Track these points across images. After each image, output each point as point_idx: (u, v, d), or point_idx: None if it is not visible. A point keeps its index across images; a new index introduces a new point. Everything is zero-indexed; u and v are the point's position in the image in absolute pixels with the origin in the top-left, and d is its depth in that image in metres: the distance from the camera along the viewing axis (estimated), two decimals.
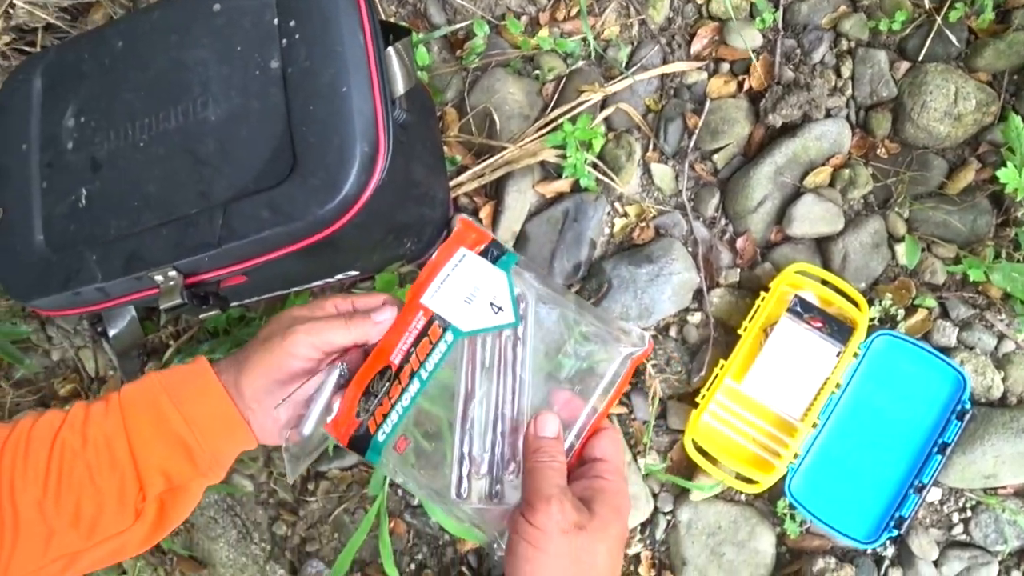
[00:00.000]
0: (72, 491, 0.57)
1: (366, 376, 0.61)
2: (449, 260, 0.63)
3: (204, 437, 0.59)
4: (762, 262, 1.05)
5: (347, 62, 0.83)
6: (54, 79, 0.94)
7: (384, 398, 0.59)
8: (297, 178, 0.81)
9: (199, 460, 0.59)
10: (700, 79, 1.10)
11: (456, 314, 0.60)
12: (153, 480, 0.58)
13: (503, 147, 1.07)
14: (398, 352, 0.60)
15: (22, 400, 1.31)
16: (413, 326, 0.61)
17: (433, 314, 0.60)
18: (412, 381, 0.58)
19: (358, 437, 0.58)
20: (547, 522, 0.52)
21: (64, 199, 0.91)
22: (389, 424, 0.58)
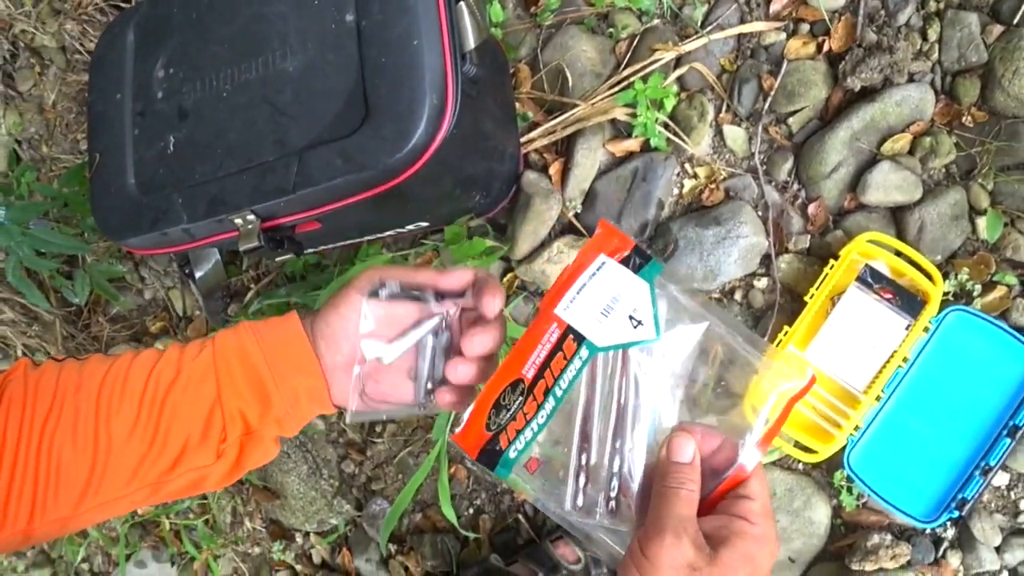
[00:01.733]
0: (162, 423, 0.57)
1: (496, 387, 0.56)
2: (588, 267, 0.56)
3: (282, 382, 0.59)
4: (834, 229, 1.01)
5: (418, 16, 0.83)
6: (146, 32, 0.98)
7: (518, 413, 0.55)
8: (368, 128, 0.82)
9: (276, 407, 0.59)
10: (778, 40, 1.06)
11: (592, 327, 0.55)
12: (234, 421, 0.58)
13: (574, 104, 1.06)
14: (531, 366, 0.55)
15: (117, 334, 1.38)
16: (547, 339, 0.55)
17: (568, 326, 0.55)
18: (547, 399, 0.54)
19: (490, 451, 0.54)
20: (659, 555, 0.47)
21: (154, 145, 0.94)
22: (522, 441, 0.54)
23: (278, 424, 0.60)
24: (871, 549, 0.95)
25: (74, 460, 0.56)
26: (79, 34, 1.20)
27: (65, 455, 0.56)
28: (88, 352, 1.39)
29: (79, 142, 1.36)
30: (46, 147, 1.40)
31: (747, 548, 0.48)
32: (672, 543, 0.47)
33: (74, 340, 1.39)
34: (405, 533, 1.18)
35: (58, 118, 1.34)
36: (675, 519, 0.48)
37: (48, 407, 0.57)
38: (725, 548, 0.47)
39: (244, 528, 1.29)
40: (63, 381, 0.58)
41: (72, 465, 0.56)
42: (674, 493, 0.49)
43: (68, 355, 1.39)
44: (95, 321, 1.39)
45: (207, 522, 1.30)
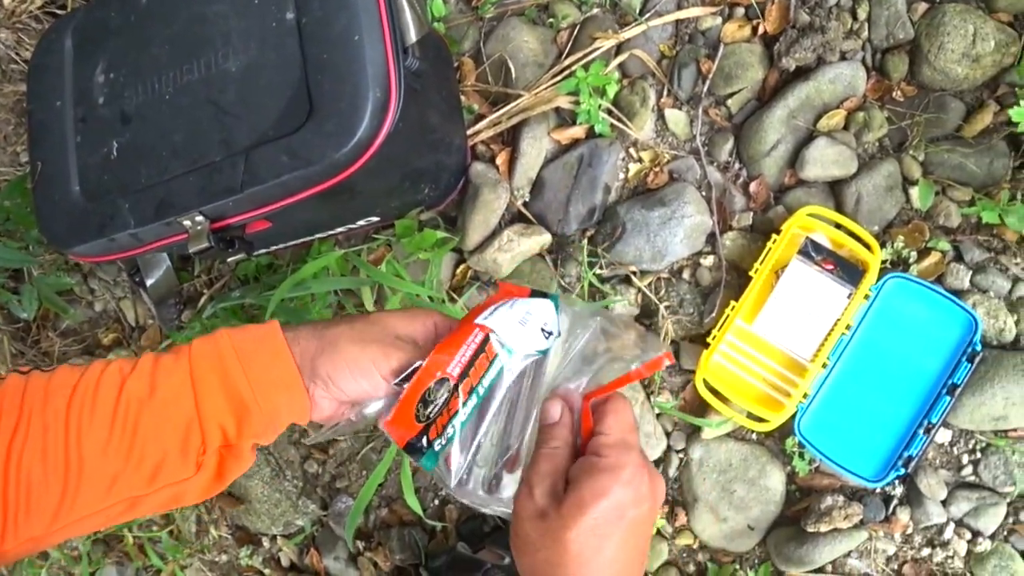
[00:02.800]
0: (138, 438, 0.56)
1: (423, 383, 0.59)
2: (500, 300, 0.63)
3: (264, 399, 0.57)
4: (775, 205, 1.04)
5: (358, 12, 0.84)
6: (83, 38, 0.97)
7: (444, 410, 0.58)
8: (313, 124, 0.84)
9: (255, 420, 0.57)
10: (714, 24, 1.09)
11: (511, 334, 0.60)
12: (213, 433, 0.57)
13: (519, 95, 1.08)
14: (456, 364, 0.59)
15: (68, 348, 1.37)
16: (471, 341, 0.60)
17: (490, 331, 0.60)
18: (471, 397, 0.58)
19: (416, 444, 0.58)
20: (518, 509, 0.51)
21: (97, 151, 0.94)
22: (446, 437, 0.57)
23: (256, 436, 0.59)
24: (825, 511, 0.98)
25: (44, 479, 0.54)
26: (14, 43, 1.18)
27: (35, 474, 0.54)
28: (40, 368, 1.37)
29: (19, 154, 1.34)
30: None
31: (596, 483, 0.49)
32: (526, 495, 0.50)
33: (24, 357, 1.37)
34: (372, 529, 1.19)
35: None
36: (537, 475, 0.51)
37: (14, 424, 0.55)
38: (572, 488, 0.49)
39: (210, 536, 1.29)
40: (29, 396, 0.56)
41: (43, 484, 0.54)
42: (540, 453, 0.52)
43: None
44: (45, 336, 1.38)
45: (172, 533, 1.30)
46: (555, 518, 0.49)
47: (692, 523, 1.05)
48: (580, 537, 0.48)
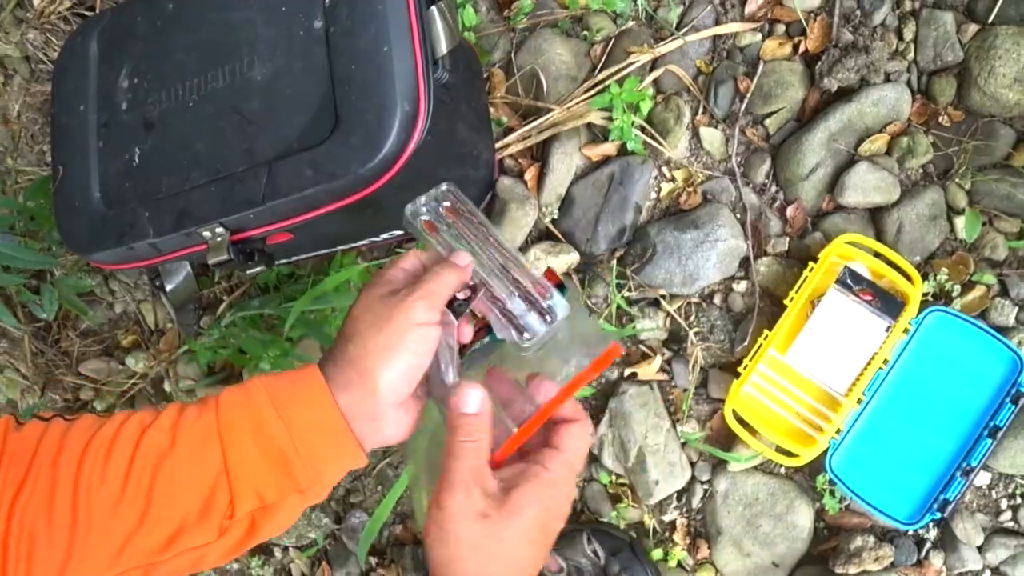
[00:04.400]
0: (154, 498, 0.51)
1: None
2: None
3: (307, 450, 0.52)
4: (812, 231, 1.00)
5: (388, 22, 0.81)
6: (109, 42, 0.95)
7: None
8: (339, 137, 0.81)
9: (298, 475, 0.52)
10: (754, 41, 1.05)
11: None
12: (245, 496, 0.51)
13: (549, 109, 1.04)
14: None
15: (88, 349, 1.35)
16: None
17: None
18: None
19: None
20: (452, 506, 0.48)
21: (119, 158, 0.92)
22: None
23: (300, 494, 0.53)
24: (854, 552, 0.94)
25: (49, 537, 0.50)
26: (42, 43, 1.17)
27: (39, 530, 0.50)
28: (60, 368, 1.36)
29: (45, 153, 1.33)
30: (11, 159, 1.36)
31: (538, 490, 0.50)
32: (463, 495, 0.49)
33: (44, 356, 1.36)
34: (385, 545, 1.17)
35: (23, 129, 1.31)
36: (465, 471, 0.50)
37: (22, 477, 0.50)
38: (515, 490, 0.50)
39: None
40: (43, 446, 0.52)
41: (47, 542, 0.50)
42: (462, 447, 0.50)
43: (38, 372, 1.36)
44: (65, 336, 1.36)
45: None
46: (496, 520, 0.49)
47: (714, 556, 1.02)
48: (515, 539, 0.50)
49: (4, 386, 1.45)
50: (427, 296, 0.54)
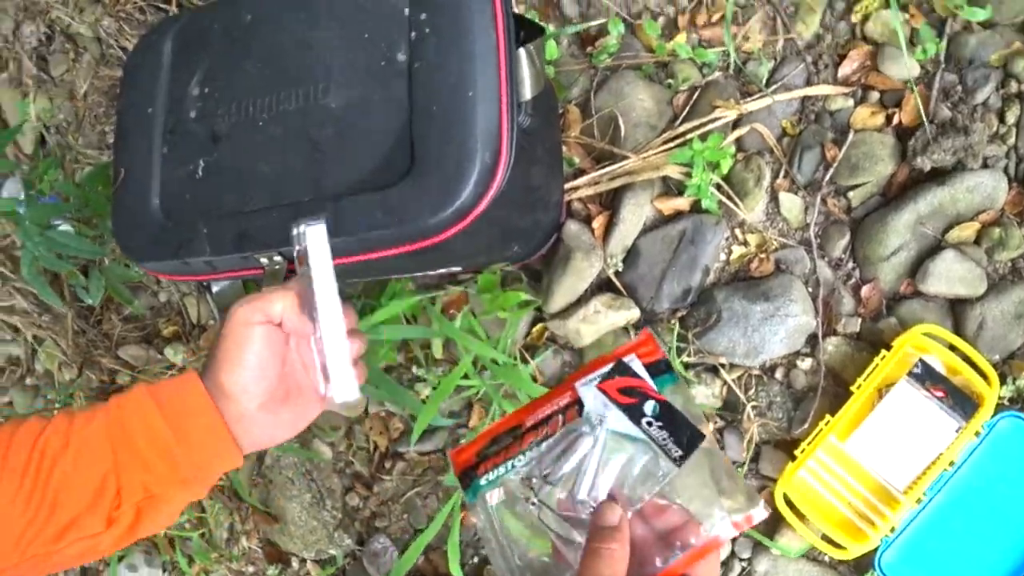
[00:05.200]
0: (48, 493, 0.54)
1: (500, 427, 0.59)
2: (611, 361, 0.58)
3: (188, 445, 0.56)
4: (887, 315, 0.92)
5: (475, 63, 0.74)
6: (184, 45, 0.89)
7: (502, 450, 0.57)
8: (412, 181, 0.74)
9: (182, 468, 0.56)
10: (845, 106, 0.97)
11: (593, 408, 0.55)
12: (131, 487, 0.55)
13: (625, 156, 0.97)
14: (533, 418, 0.58)
15: (128, 334, 1.31)
16: (558, 402, 0.58)
17: (578, 399, 0.56)
18: (531, 447, 0.55)
19: (466, 472, 0.57)
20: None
21: (182, 167, 0.86)
22: (494, 474, 0.56)
23: (183, 485, 0.57)
24: None
25: None
26: (115, 31, 1.11)
27: None
28: (99, 349, 1.32)
29: (106, 135, 1.28)
30: (72, 136, 1.31)
31: None
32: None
33: (85, 335, 1.31)
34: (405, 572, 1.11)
35: (88, 110, 1.26)
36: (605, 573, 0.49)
37: None
38: None
39: (240, 546, 1.23)
40: None
41: None
42: (598, 552, 0.49)
43: (78, 351, 1.32)
44: (107, 318, 1.32)
45: (203, 535, 1.24)
46: None
47: None
48: None
49: (43, 357, 1.41)
50: (249, 301, 0.60)
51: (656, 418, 0.53)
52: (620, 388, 0.55)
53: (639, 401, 0.54)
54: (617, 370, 0.56)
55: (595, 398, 0.56)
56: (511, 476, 0.55)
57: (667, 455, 0.51)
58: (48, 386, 1.43)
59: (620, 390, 0.55)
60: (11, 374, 1.48)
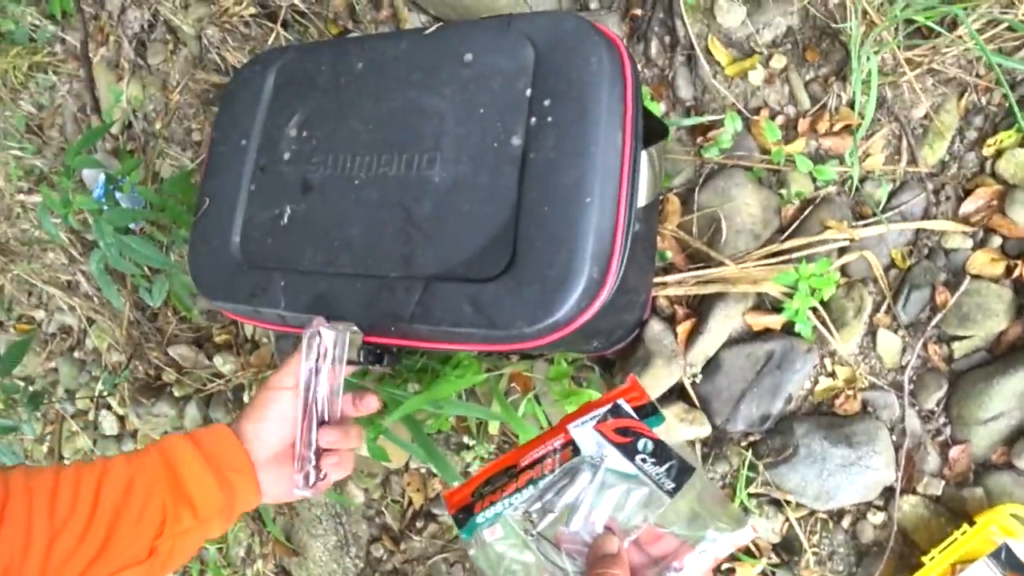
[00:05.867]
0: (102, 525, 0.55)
1: (495, 468, 0.61)
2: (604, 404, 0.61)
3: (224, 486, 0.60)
4: (973, 483, 0.84)
5: (597, 165, 0.66)
6: (287, 81, 0.82)
7: (497, 489, 0.58)
8: (510, 281, 0.66)
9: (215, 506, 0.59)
10: (963, 247, 0.88)
11: (588, 447, 0.57)
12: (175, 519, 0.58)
13: (723, 262, 0.89)
14: (528, 458, 0.60)
15: (181, 333, 1.26)
16: (552, 444, 0.60)
17: (572, 440, 0.58)
18: (527, 486, 0.57)
19: (462, 511, 0.58)
20: None
21: (268, 209, 0.80)
22: (491, 511, 0.57)
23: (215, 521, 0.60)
24: None
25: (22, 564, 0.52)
26: (219, 41, 1.05)
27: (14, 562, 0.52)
28: (150, 342, 1.27)
29: (191, 133, 1.22)
30: (160, 123, 1.26)
31: None
32: None
33: (139, 327, 1.26)
34: None
35: (177, 107, 1.20)
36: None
37: None
38: None
39: (254, 568, 1.17)
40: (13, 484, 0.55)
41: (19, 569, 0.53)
42: None
43: (130, 341, 1.27)
44: (164, 314, 1.27)
45: (220, 550, 1.19)
46: None
47: None
48: None
49: (94, 336, 1.37)
50: (284, 367, 0.67)
51: (650, 455, 0.54)
52: (616, 428, 0.58)
53: (633, 440, 0.56)
54: (613, 412, 0.59)
55: (590, 438, 0.58)
56: (509, 512, 0.56)
57: (660, 488, 0.52)
58: (95, 363, 1.39)
59: (616, 430, 0.57)
60: (61, 342, 1.44)
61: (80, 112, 1.34)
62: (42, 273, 1.34)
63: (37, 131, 1.38)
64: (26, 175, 1.38)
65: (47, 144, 1.38)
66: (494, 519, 0.56)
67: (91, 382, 1.38)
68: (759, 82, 0.94)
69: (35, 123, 1.38)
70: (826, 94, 0.93)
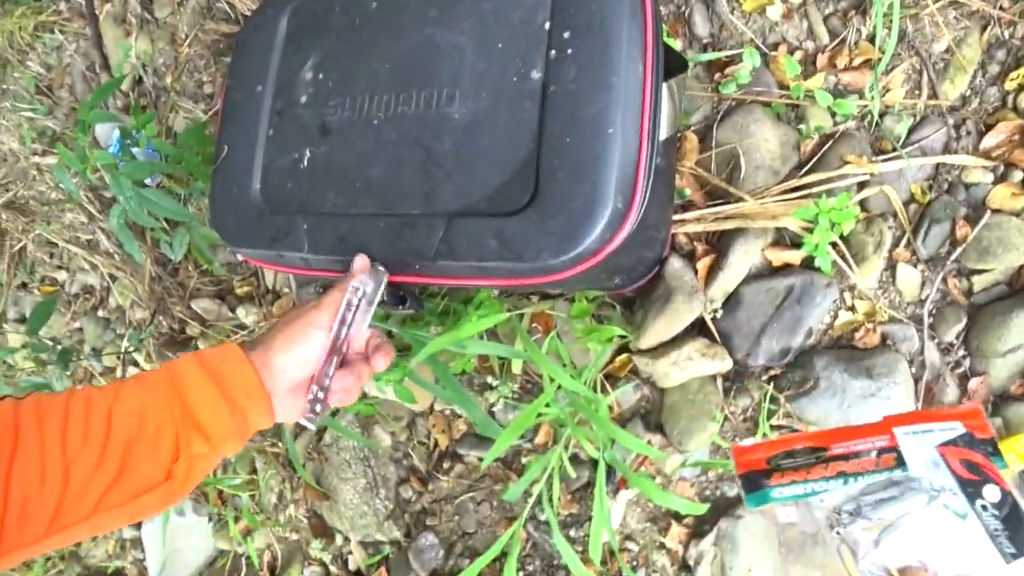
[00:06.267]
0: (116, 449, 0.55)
1: (797, 442, 0.56)
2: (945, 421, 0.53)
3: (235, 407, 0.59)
4: (991, 415, 0.83)
5: (619, 96, 0.64)
6: (301, 24, 0.80)
7: (802, 468, 0.53)
8: (534, 214, 0.65)
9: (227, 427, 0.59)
10: (983, 181, 0.86)
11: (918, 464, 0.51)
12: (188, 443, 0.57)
13: (742, 198, 0.87)
14: (843, 447, 0.54)
15: (203, 287, 1.25)
16: (873, 441, 0.53)
17: (898, 446, 0.52)
18: (837, 477, 0.51)
19: (754, 475, 0.54)
20: None
21: (287, 154, 0.78)
22: (790, 490, 0.52)
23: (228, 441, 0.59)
24: None
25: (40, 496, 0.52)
26: None
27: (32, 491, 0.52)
28: (173, 297, 1.26)
29: (203, 85, 1.20)
30: (171, 77, 1.24)
31: None
32: None
33: (161, 283, 1.26)
34: (448, 573, 1.06)
35: (188, 60, 1.18)
36: None
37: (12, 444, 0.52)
38: None
39: (287, 513, 1.18)
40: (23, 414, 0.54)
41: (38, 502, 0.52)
42: None
43: (152, 296, 1.27)
44: (185, 268, 1.26)
45: (252, 497, 1.20)
46: None
47: None
48: None
49: (117, 293, 1.36)
50: (320, 308, 0.65)
51: (993, 505, 0.47)
52: (962, 459, 0.50)
53: (980, 480, 0.48)
54: (964, 440, 0.51)
55: (925, 457, 0.51)
56: (815, 500, 0.51)
57: (997, 548, 0.45)
58: (119, 320, 1.39)
59: (962, 461, 0.50)
60: (84, 302, 1.43)
61: (89, 70, 1.32)
62: (62, 233, 1.33)
63: (47, 92, 1.35)
64: (39, 136, 1.36)
65: (58, 105, 1.36)
66: (793, 499, 0.52)
67: (117, 340, 1.38)
68: (777, 17, 0.91)
69: (44, 84, 1.36)
70: (845, 28, 0.90)
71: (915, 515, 0.48)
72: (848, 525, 0.50)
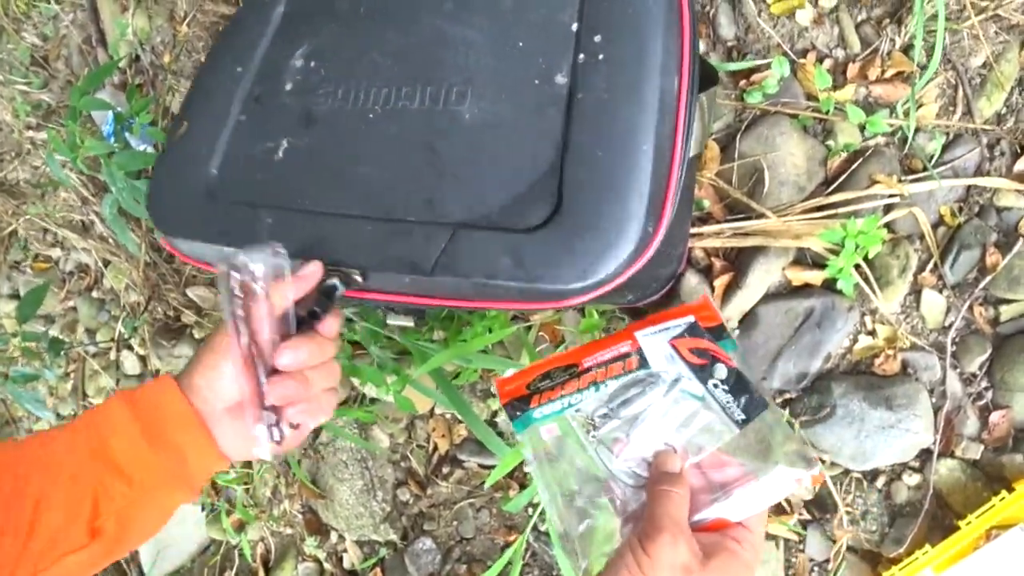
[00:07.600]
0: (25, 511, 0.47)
1: (553, 363, 0.55)
2: (677, 318, 0.54)
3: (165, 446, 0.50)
4: (1012, 450, 0.75)
5: (652, 112, 0.54)
6: (301, 8, 0.69)
7: (557, 386, 0.53)
8: (555, 232, 0.55)
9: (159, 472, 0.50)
10: (1017, 206, 0.77)
11: (657, 359, 0.52)
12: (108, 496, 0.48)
13: (764, 215, 0.78)
14: (592, 360, 0.54)
15: (198, 274, 1.16)
16: (617, 348, 0.54)
17: (640, 348, 0.53)
18: (590, 388, 0.52)
19: (516, 402, 0.53)
20: (657, 552, 0.43)
21: (259, 142, 0.65)
22: (549, 408, 0.52)
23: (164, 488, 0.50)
24: None
25: None
26: None
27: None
28: (168, 284, 1.16)
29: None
30: (168, 56, 1.12)
31: (733, 567, 0.45)
32: (670, 542, 0.44)
33: (156, 269, 1.16)
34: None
35: (186, 41, 1.06)
36: (670, 519, 0.45)
37: None
38: (716, 559, 0.44)
39: (281, 508, 1.10)
40: None
41: None
42: (665, 494, 0.46)
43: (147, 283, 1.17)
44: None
45: (247, 490, 1.11)
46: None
47: None
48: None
49: (111, 276, 1.26)
50: None
51: (723, 381, 0.49)
52: (691, 348, 0.52)
53: (709, 363, 0.50)
54: (690, 330, 0.53)
55: (662, 352, 0.52)
56: (570, 412, 0.51)
57: (730, 417, 0.48)
58: (114, 302, 1.29)
59: (692, 350, 0.52)
60: (79, 281, 1.33)
61: (85, 44, 1.20)
62: (55, 215, 1.23)
63: (42, 63, 1.24)
64: (34, 110, 1.24)
65: (54, 77, 1.25)
66: (551, 417, 0.52)
67: (111, 321, 1.28)
68: (807, 22, 0.82)
69: (40, 55, 1.24)
70: (879, 38, 0.80)
71: (656, 404, 0.49)
72: (601, 428, 0.50)
